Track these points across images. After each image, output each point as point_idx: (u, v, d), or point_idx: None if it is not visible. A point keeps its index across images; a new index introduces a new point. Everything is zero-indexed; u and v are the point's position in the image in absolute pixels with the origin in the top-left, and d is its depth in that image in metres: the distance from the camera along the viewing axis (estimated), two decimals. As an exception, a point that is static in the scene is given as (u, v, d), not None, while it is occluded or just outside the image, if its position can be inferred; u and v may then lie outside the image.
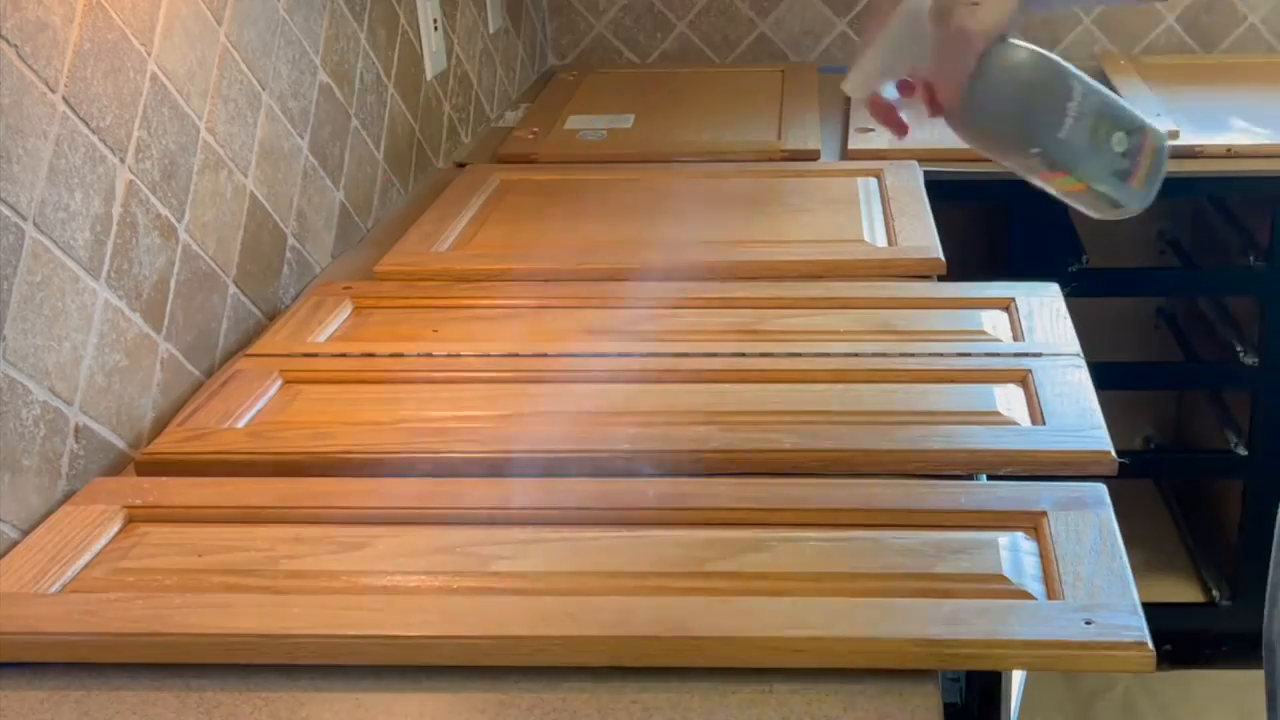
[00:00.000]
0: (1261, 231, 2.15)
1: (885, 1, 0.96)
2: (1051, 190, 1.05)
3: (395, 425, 1.20)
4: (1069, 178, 1.02)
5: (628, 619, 0.92)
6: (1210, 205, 2.36)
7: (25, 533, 1.06)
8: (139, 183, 1.23)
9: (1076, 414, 1.17)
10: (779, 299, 1.45)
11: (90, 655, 0.93)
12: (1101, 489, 1.06)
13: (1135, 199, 1.03)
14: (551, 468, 1.13)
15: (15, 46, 1.05)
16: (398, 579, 0.98)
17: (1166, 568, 2.42)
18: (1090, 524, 1.01)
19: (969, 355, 1.30)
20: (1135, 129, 1.02)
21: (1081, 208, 1.06)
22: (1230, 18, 2.62)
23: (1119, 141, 1.00)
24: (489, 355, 1.34)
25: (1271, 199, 2.10)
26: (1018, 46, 0.98)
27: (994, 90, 0.98)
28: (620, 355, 1.33)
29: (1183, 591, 2.37)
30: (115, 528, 1.06)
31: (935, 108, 1.00)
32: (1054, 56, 1.00)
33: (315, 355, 1.35)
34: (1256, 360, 2.17)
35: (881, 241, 1.62)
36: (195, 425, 1.21)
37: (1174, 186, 1.10)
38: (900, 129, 1.02)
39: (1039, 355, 1.29)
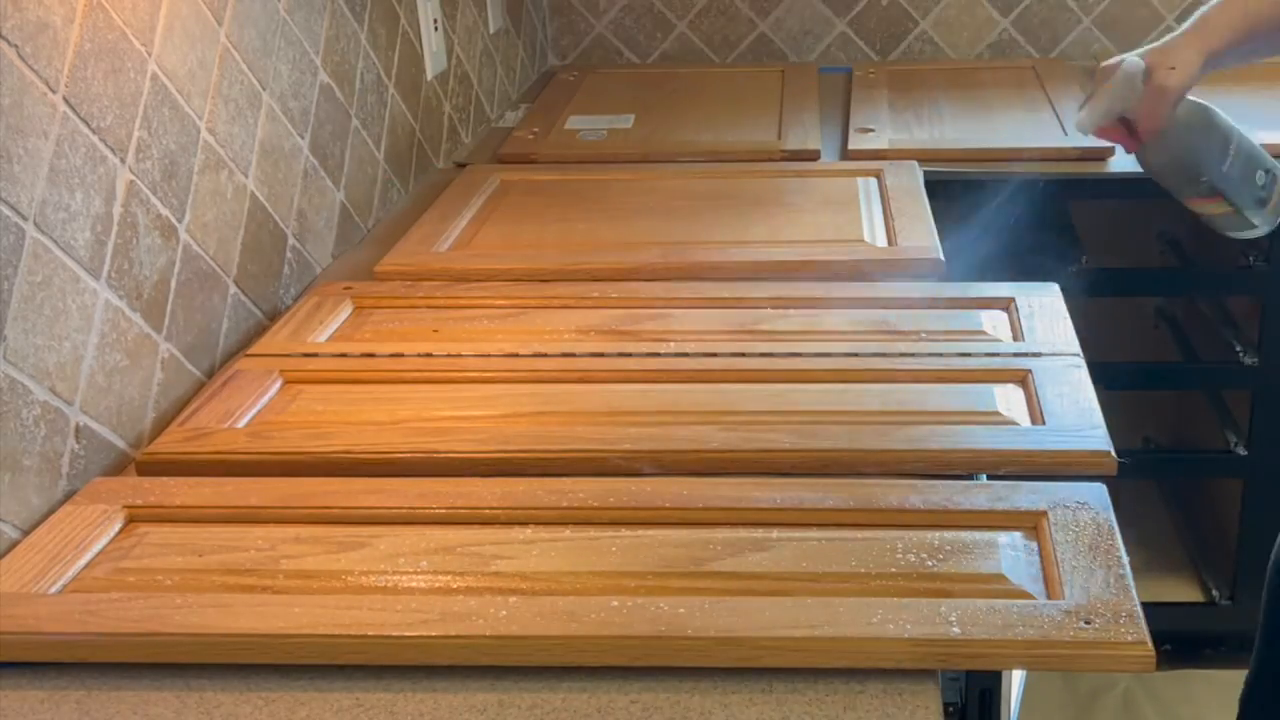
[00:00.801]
0: (1261, 231, 2.15)
1: (1109, 65, 1.31)
2: (1204, 212, 1.38)
3: (395, 425, 1.20)
4: (1223, 202, 1.36)
5: (628, 619, 0.92)
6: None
7: (26, 533, 1.06)
8: (139, 183, 1.23)
9: (1076, 414, 1.17)
10: (779, 299, 1.45)
11: (90, 655, 0.93)
12: (1101, 489, 1.06)
13: (1267, 222, 1.38)
14: (551, 468, 1.13)
15: (16, 46, 1.05)
16: (398, 579, 0.99)
17: (1166, 568, 2.42)
18: (1090, 524, 1.01)
19: (969, 355, 1.30)
20: (1271, 168, 1.37)
21: (1224, 227, 1.39)
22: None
23: (1260, 177, 1.35)
24: (489, 355, 1.34)
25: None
26: (1198, 103, 1.34)
27: (1180, 132, 1.32)
28: (620, 355, 1.33)
29: (1183, 591, 2.37)
30: (115, 528, 1.06)
31: (1135, 142, 1.33)
32: (1220, 111, 1.35)
33: (315, 355, 1.35)
34: (1256, 360, 2.16)
35: (881, 241, 1.62)
36: (195, 425, 1.21)
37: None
38: (1130, 145, 1.34)
39: (1039, 355, 1.29)
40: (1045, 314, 1.38)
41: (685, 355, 1.33)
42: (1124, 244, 2.41)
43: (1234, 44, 1.33)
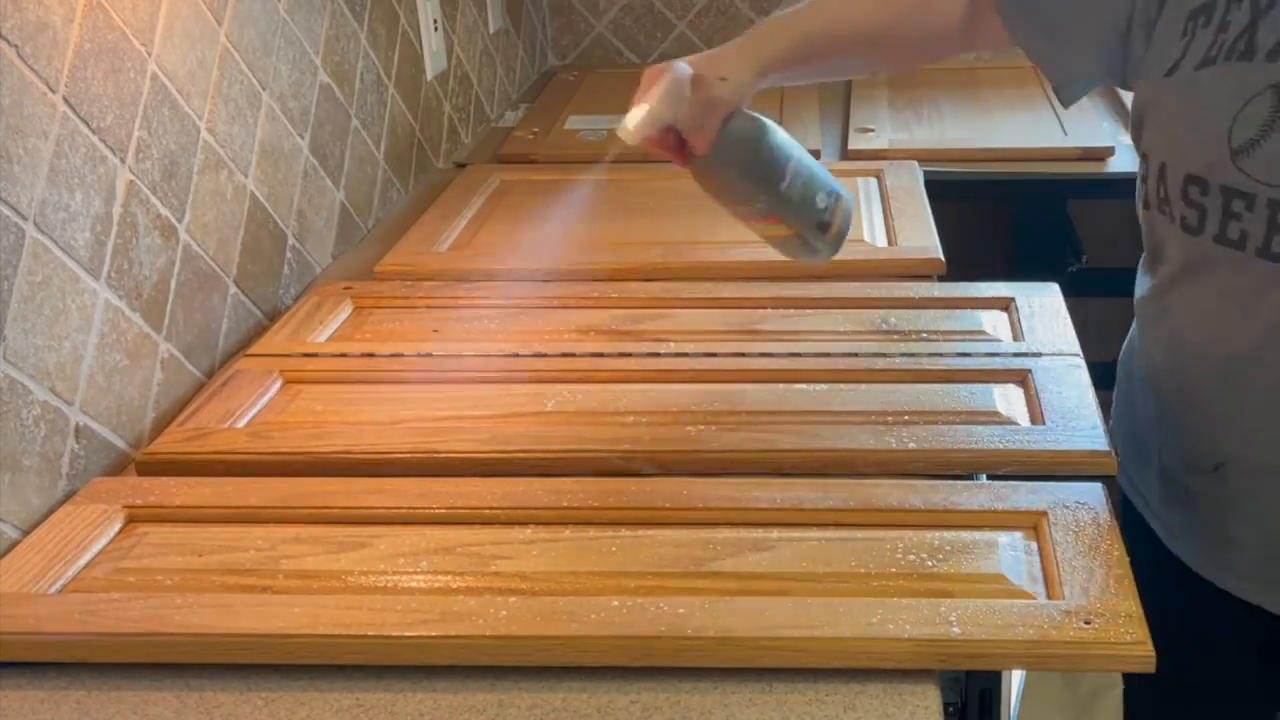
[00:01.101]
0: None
1: (655, 70, 1.16)
2: (765, 235, 1.25)
3: (395, 425, 1.20)
4: (782, 224, 1.22)
5: (628, 619, 0.92)
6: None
7: (26, 533, 1.06)
8: (139, 183, 1.23)
9: (1076, 414, 1.17)
10: (779, 299, 1.45)
11: (90, 655, 0.93)
12: (1101, 489, 1.06)
13: (828, 248, 1.24)
14: (551, 468, 1.13)
15: (15, 46, 1.05)
16: (398, 579, 0.99)
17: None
18: (1090, 524, 1.01)
19: (969, 355, 1.30)
20: (833, 193, 1.23)
21: (784, 251, 1.26)
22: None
23: (822, 199, 1.21)
24: (489, 355, 1.34)
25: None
26: (752, 117, 1.20)
27: (732, 149, 1.17)
28: (620, 355, 1.33)
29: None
30: (115, 528, 1.06)
31: (686, 158, 1.19)
32: (778, 128, 1.21)
33: (315, 355, 1.35)
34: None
35: (881, 241, 1.62)
36: (195, 425, 1.21)
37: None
38: (680, 160, 1.20)
39: (1039, 355, 1.29)
40: (1045, 314, 1.38)
41: (685, 355, 1.33)
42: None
43: (791, 61, 1.23)
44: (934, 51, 1.33)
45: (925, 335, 1.35)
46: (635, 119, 1.14)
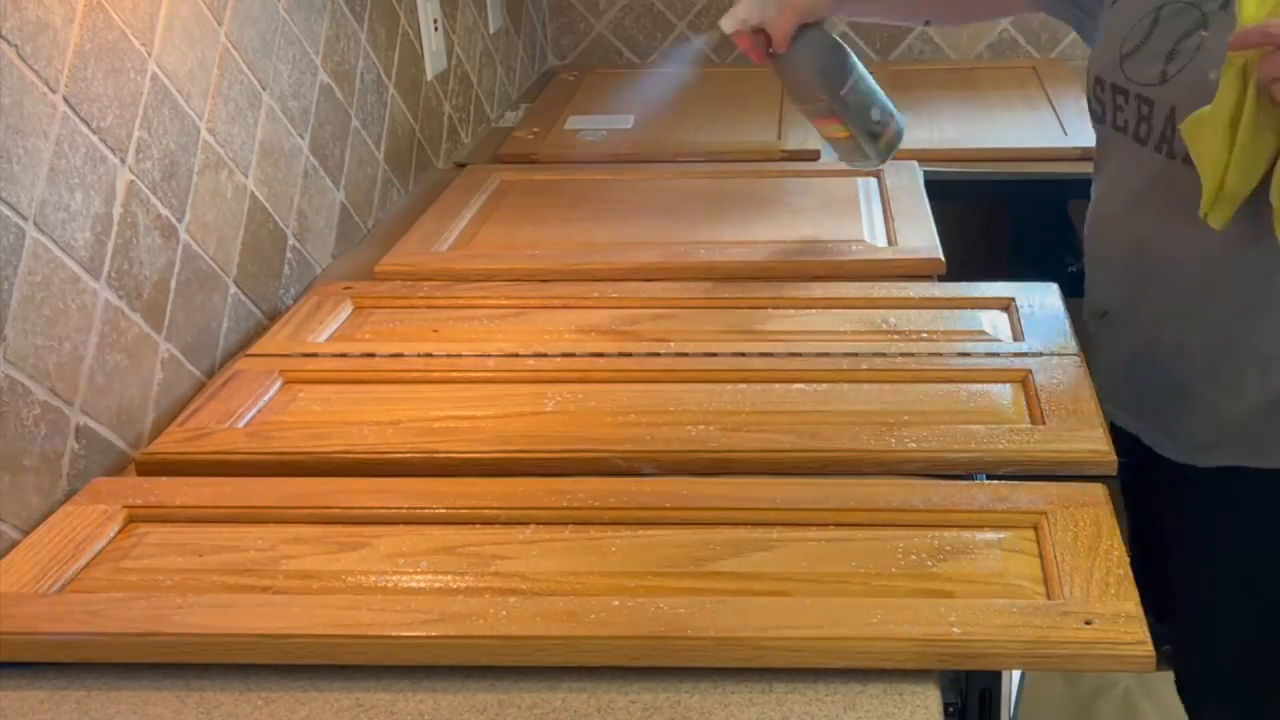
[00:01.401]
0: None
1: None
2: (827, 136, 1.54)
3: (395, 425, 1.20)
4: (840, 126, 1.50)
5: (628, 619, 0.92)
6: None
7: (26, 533, 1.06)
8: (139, 183, 1.23)
9: (1076, 414, 1.17)
10: (779, 299, 1.45)
11: (90, 655, 0.93)
12: (1101, 489, 1.06)
13: (878, 155, 1.54)
14: (551, 468, 1.13)
15: (15, 46, 1.05)
16: (398, 579, 0.99)
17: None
18: (1090, 524, 1.01)
19: (969, 355, 1.30)
20: (888, 111, 1.52)
21: (841, 154, 1.57)
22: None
23: (876, 113, 1.50)
24: (489, 355, 1.34)
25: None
26: (826, 33, 1.47)
27: (804, 53, 1.45)
28: (620, 355, 1.33)
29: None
30: (115, 528, 1.06)
31: (766, 56, 1.47)
32: (849, 51, 1.49)
33: (315, 355, 1.35)
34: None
35: (881, 241, 1.62)
36: (195, 425, 1.21)
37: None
38: (758, 57, 1.47)
39: (1039, 355, 1.29)
40: (1045, 314, 1.38)
41: (685, 355, 1.33)
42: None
43: None
44: (1001, 7, 1.63)
45: (925, 335, 1.35)
46: (730, 17, 1.44)
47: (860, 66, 1.49)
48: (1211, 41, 1.22)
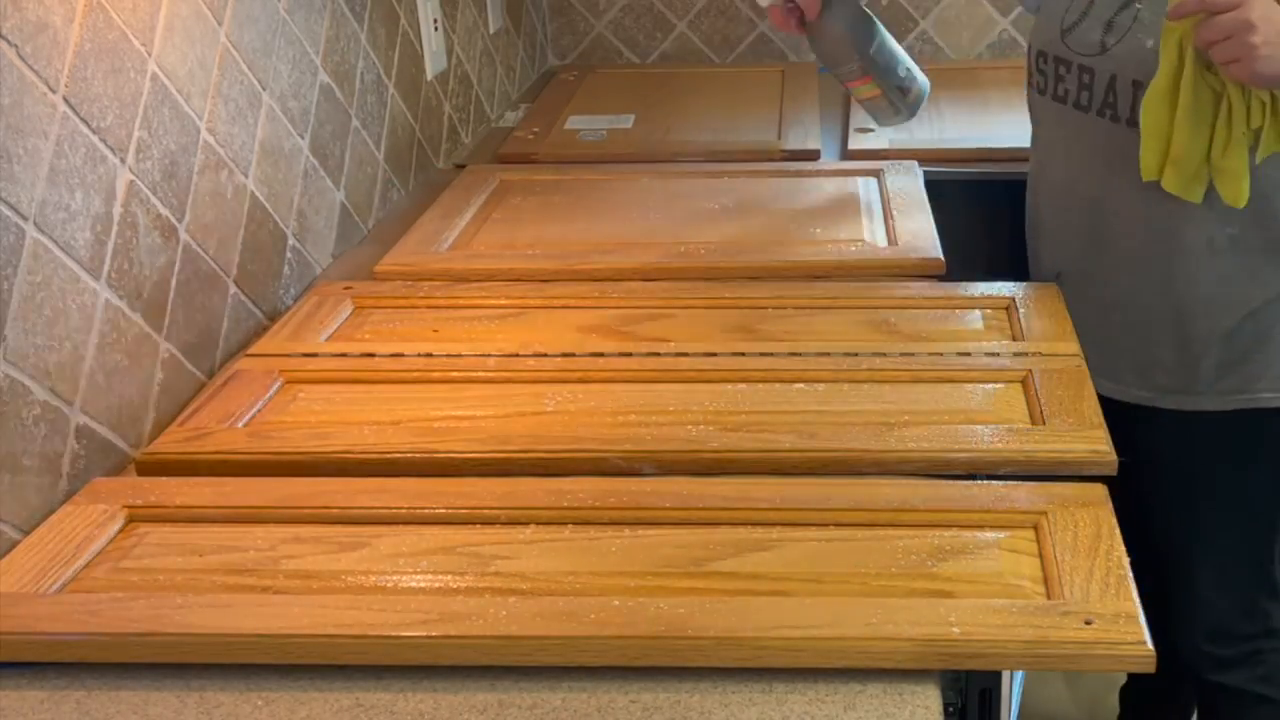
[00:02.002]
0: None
1: None
2: (859, 96, 1.69)
3: (395, 425, 1.20)
4: (871, 84, 1.65)
5: (627, 619, 0.92)
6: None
7: (26, 533, 1.06)
8: (139, 183, 1.23)
9: (1076, 414, 1.17)
10: (779, 299, 1.45)
11: (90, 655, 0.93)
12: (1101, 489, 1.06)
13: (908, 109, 1.69)
14: (551, 468, 1.13)
15: (15, 46, 1.05)
16: (398, 579, 0.99)
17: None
18: (1090, 524, 1.01)
19: (969, 355, 1.30)
20: (912, 69, 1.68)
21: (872, 112, 1.72)
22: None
23: (902, 70, 1.66)
24: (489, 355, 1.34)
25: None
26: (853, 2, 1.61)
27: (833, 19, 1.59)
28: (620, 355, 1.33)
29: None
30: (115, 528, 1.06)
31: (800, 27, 1.60)
32: (874, 17, 1.63)
33: (315, 355, 1.35)
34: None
35: (881, 241, 1.62)
36: (196, 425, 1.21)
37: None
38: (792, 28, 1.60)
39: (1039, 355, 1.29)
40: (1045, 314, 1.38)
41: (685, 355, 1.33)
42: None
43: None
44: None
45: (925, 335, 1.35)
46: None
47: (884, 32, 1.64)
48: (1145, 13, 1.38)
